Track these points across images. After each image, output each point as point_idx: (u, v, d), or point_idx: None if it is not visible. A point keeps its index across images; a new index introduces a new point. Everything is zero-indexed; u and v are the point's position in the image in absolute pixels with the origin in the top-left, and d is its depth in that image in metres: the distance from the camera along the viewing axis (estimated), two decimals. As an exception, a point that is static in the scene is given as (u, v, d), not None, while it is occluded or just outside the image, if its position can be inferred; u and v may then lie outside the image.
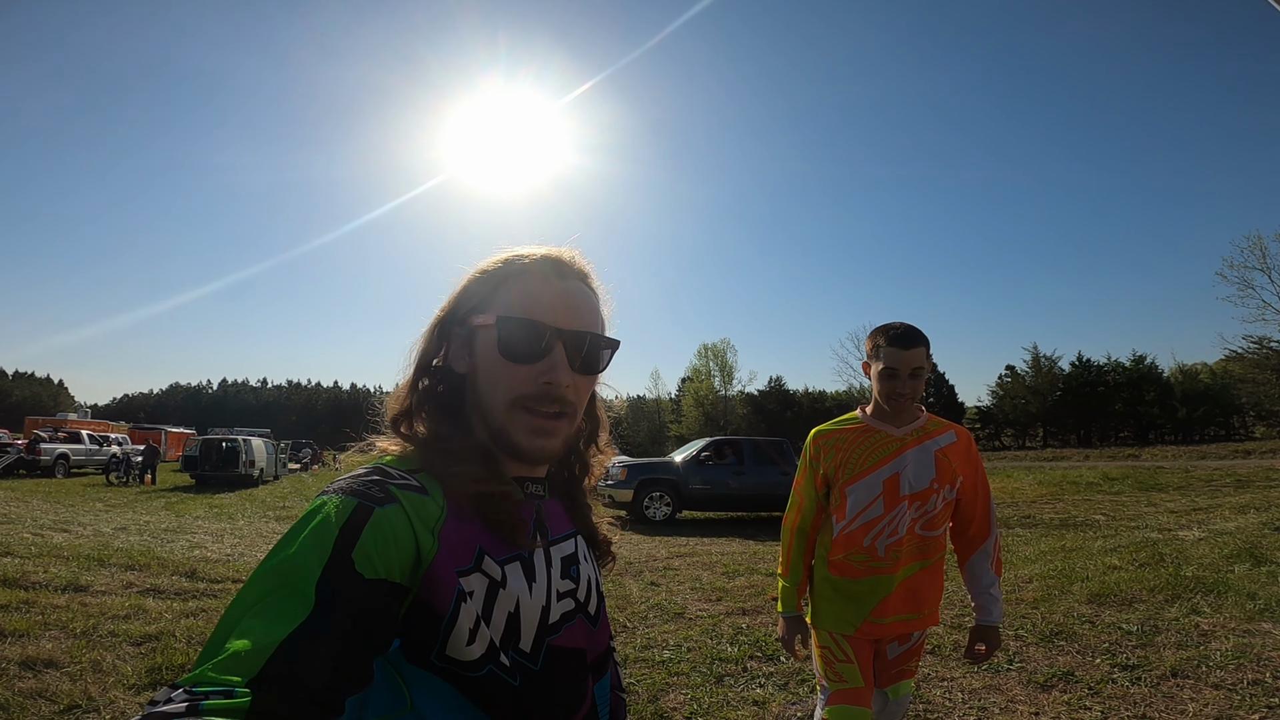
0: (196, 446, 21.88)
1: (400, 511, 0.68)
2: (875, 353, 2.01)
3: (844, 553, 2.02)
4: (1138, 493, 14.84)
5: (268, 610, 0.57)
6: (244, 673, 0.52)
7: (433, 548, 0.69)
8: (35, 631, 4.45)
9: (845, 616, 2.02)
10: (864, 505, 1.99)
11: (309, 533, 0.63)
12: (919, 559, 2.02)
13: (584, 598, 0.87)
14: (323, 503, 0.67)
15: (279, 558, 0.62)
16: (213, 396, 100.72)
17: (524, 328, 0.79)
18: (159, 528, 10.65)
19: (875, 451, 2.03)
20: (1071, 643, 4.52)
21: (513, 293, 0.82)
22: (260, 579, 0.60)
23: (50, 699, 3.47)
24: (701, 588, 6.61)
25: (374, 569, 0.63)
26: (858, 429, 2.09)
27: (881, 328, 2.01)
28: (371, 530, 0.64)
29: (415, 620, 0.67)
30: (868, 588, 2.00)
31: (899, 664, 2.11)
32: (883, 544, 1.98)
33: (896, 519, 1.98)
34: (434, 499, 0.73)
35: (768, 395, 63.35)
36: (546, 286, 0.83)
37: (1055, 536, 9.18)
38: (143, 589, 5.99)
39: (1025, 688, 3.84)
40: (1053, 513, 12.40)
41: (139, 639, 4.52)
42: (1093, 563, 6.80)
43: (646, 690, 3.92)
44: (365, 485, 0.69)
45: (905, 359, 1.95)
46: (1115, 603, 5.37)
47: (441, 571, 0.68)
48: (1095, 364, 47.51)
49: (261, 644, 0.54)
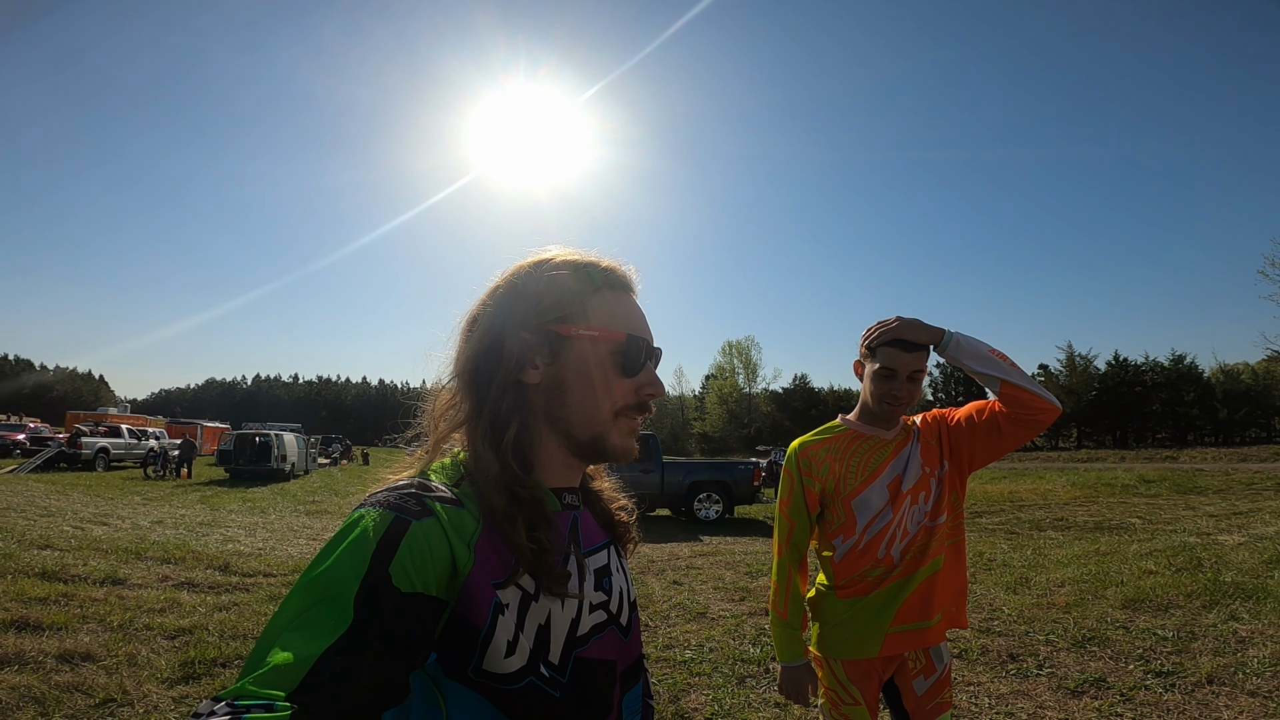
0: (231, 441, 22.43)
1: (437, 525, 0.68)
2: (871, 352, 1.82)
3: (857, 571, 1.85)
4: (1175, 496, 14.44)
5: (307, 624, 0.58)
6: (284, 686, 0.54)
7: (469, 561, 0.69)
8: (74, 625, 4.60)
9: (865, 637, 1.83)
10: (873, 515, 1.83)
11: (346, 546, 0.64)
12: (936, 554, 1.86)
13: (616, 609, 0.87)
14: (360, 516, 0.67)
15: (317, 571, 0.63)
16: (246, 392, 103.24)
17: (636, 344, 0.83)
18: (194, 521, 10.94)
19: (873, 457, 1.86)
20: (1104, 648, 4.40)
21: (609, 306, 0.85)
22: (299, 593, 0.62)
23: (86, 692, 3.58)
24: (724, 587, 6.59)
25: (411, 583, 0.64)
26: (847, 435, 1.92)
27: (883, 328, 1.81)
28: (408, 544, 0.65)
29: (453, 634, 0.68)
30: (887, 597, 1.83)
31: (932, 698, 1.89)
32: (898, 550, 1.83)
33: (905, 518, 1.83)
34: (470, 512, 0.73)
35: (792, 393, 62.92)
36: (631, 301, 0.88)
37: (1089, 540, 8.96)
38: (178, 582, 6.17)
39: (1055, 693, 3.75)
40: (1087, 515, 12.12)
41: (173, 632, 4.64)
42: (1128, 567, 6.62)
43: (668, 691, 3.92)
44: (402, 498, 0.69)
45: (905, 361, 1.76)
46: (1150, 608, 5.22)
47: (478, 585, 0.69)
48: (1133, 363, 46.31)
49: (301, 658, 0.56)
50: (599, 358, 0.82)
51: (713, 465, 12.09)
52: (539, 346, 0.81)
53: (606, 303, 0.84)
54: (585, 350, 0.81)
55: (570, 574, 0.80)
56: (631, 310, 0.86)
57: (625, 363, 0.82)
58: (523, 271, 0.85)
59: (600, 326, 0.82)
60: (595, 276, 0.84)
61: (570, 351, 0.81)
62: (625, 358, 0.82)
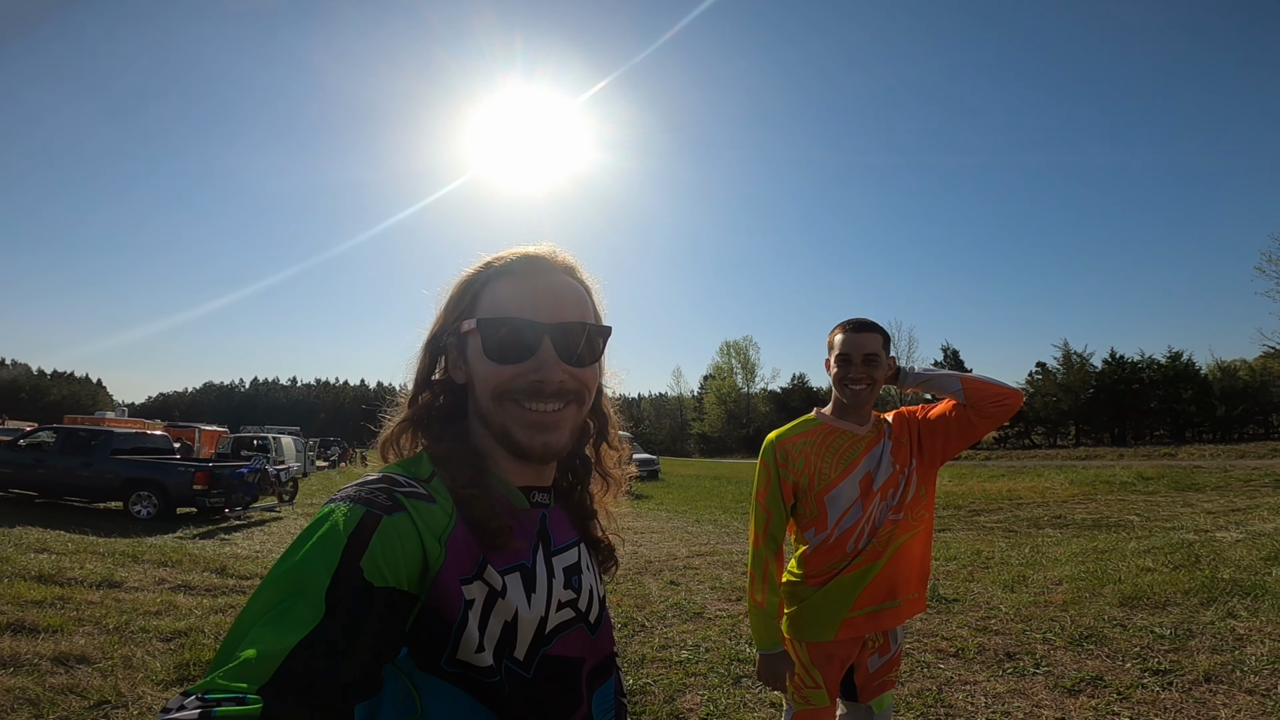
0: (229, 444, 22.40)
1: (408, 520, 0.69)
2: (831, 344, 1.97)
3: (825, 563, 1.93)
4: (1173, 493, 14.43)
5: (278, 618, 0.58)
6: (255, 680, 0.53)
7: (440, 556, 0.69)
8: (69, 627, 4.58)
9: (825, 621, 1.93)
10: (844, 510, 1.91)
11: (317, 540, 0.64)
12: (898, 541, 1.95)
13: (585, 607, 0.87)
14: (330, 510, 0.67)
15: (288, 565, 0.63)
16: (245, 395, 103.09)
17: (505, 326, 0.80)
18: (191, 524, 10.92)
19: (846, 453, 1.94)
20: (1101, 646, 4.40)
21: (493, 295, 0.82)
22: (270, 587, 0.61)
23: (81, 694, 3.57)
24: (721, 587, 6.58)
25: (382, 577, 0.64)
26: (822, 430, 1.99)
27: (840, 322, 1.97)
28: (380, 538, 0.65)
29: (425, 627, 0.68)
30: (850, 584, 1.91)
31: (880, 675, 2.04)
32: (865, 543, 1.91)
33: (875, 513, 1.91)
34: (442, 507, 0.73)
35: (790, 393, 62.92)
36: (525, 283, 0.82)
37: (1087, 537, 8.96)
38: (174, 585, 6.15)
39: (1051, 692, 3.75)
40: (1085, 513, 12.13)
41: (169, 635, 4.63)
42: (1125, 564, 6.62)
43: (663, 691, 3.91)
44: (372, 493, 0.70)
45: (857, 342, 1.90)
46: (1148, 606, 5.22)
47: (448, 579, 0.69)
48: (1129, 360, 46.26)
49: (272, 651, 0.55)
50: (475, 349, 0.82)
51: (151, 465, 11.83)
52: (456, 346, 0.84)
53: (494, 290, 0.82)
54: (473, 344, 0.82)
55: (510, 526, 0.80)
56: (519, 292, 0.81)
57: (496, 348, 0.79)
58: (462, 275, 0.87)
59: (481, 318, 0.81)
60: (491, 269, 0.84)
61: (466, 348, 0.83)
62: (497, 343, 0.79)
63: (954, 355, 49.48)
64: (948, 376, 1.96)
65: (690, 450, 67.24)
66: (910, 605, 2.00)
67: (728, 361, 70.54)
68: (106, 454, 11.69)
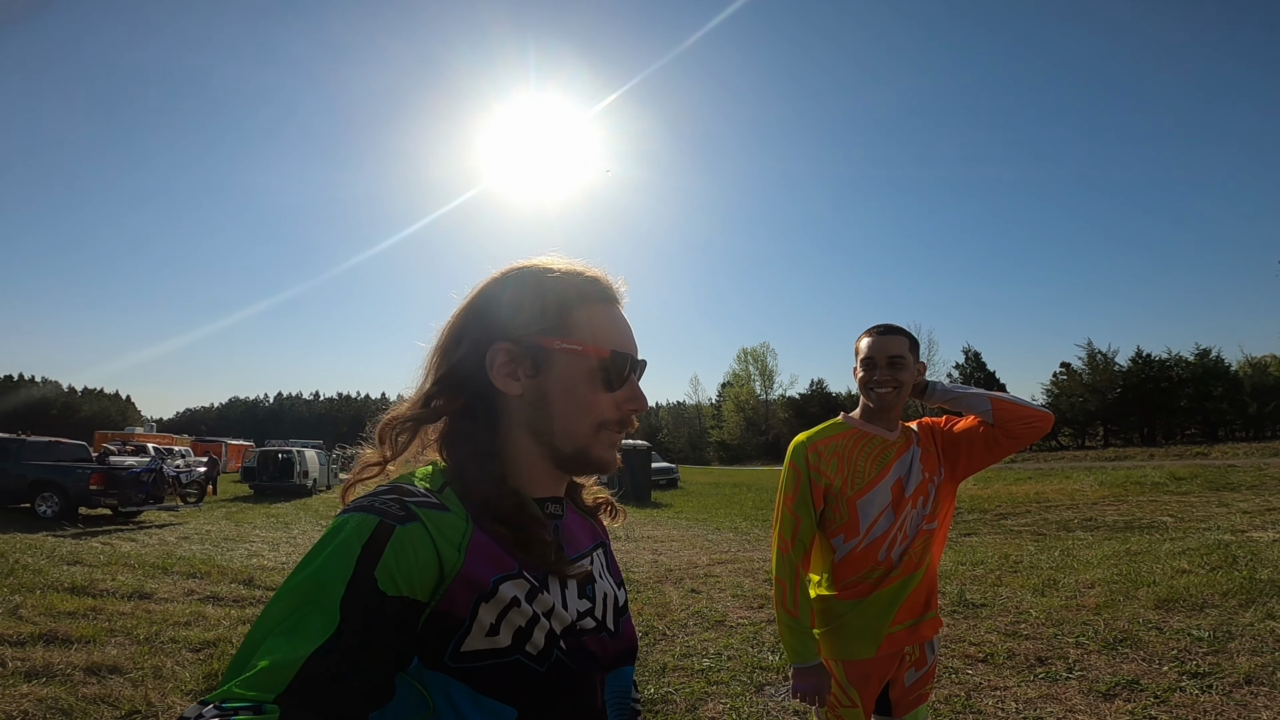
0: (254, 458, 22.74)
1: (421, 529, 0.69)
2: (857, 350, 1.96)
3: (857, 573, 1.88)
4: (1208, 492, 14.05)
5: (293, 627, 0.59)
6: (271, 689, 0.54)
7: (458, 562, 0.70)
8: (101, 638, 4.66)
9: (865, 637, 1.86)
10: (875, 517, 1.86)
11: (331, 551, 0.65)
12: (932, 548, 1.94)
13: (602, 615, 0.86)
14: (344, 521, 0.68)
15: (303, 576, 0.63)
16: (269, 409, 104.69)
17: (625, 361, 0.83)
18: (219, 536, 11.09)
19: (878, 457, 1.90)
20: (1137, 650, 4.29)
21: (592, 319, 0.83)
22: (285, 597, 0.62)
23: (112, 704, 3.63)
24: (743, 594, 6.52)
25: (396, 586, 0.64)
26: (852, 434, 1.95)
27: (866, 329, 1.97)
28: (393, 548, 0.65)
29: (431, 629, 0.68)
30: (889, 597, 1.86)
31: (916, 689, 1.97)
32: (898, 552, 1.87)
33: (907, 522, 1.87)
34: (457, 515, 0.73)
35: (809, 399, 62.38)
36: (616, 314, 0.87)
37: (1119, 539, 8.76)
38: (203, 596, 6.24)
39: (1086, 697, 3.66)
40: (1116, 515, 11.85)
41: (198, 645, 4.70)
42: (1160, 566, 6.46)
43: (685, 699, 3.88)
44: (385, 503, 0.70)
45: (881, 345, 1.88)
46: (1185, 608, 5.08)
47: (465, 582, 0.69)
48: (1157, 359, 45.29)
49: (287, 660, 0.56)
50: (582, 373, 0.81)
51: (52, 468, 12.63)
52: (521, 358, 0.81)
53: (590, 316, 0.82)
54: (568, 364, 0.81)
55: (560, 544, 0.81)
56: (616, 323, 0.85)
57: (608, 378, 0.82)
58: (507, 280, 0.84)
59: (583, 341, 0.81)
60: (581, 288, 0.83)
61: (553, 365, 0.81)
62: (608, 373, 0.81)
63: (975, 357, 48.78)
64: (976, 396, 1.94)
65: (709, 458, 66.88)
66: (937, 617, 1.98)
67: (745, 369, 70.22)
68: (19, 460, 12.59)
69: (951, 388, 1.98)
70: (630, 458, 19.06)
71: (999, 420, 1.88)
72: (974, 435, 1.93)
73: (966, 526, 11.33)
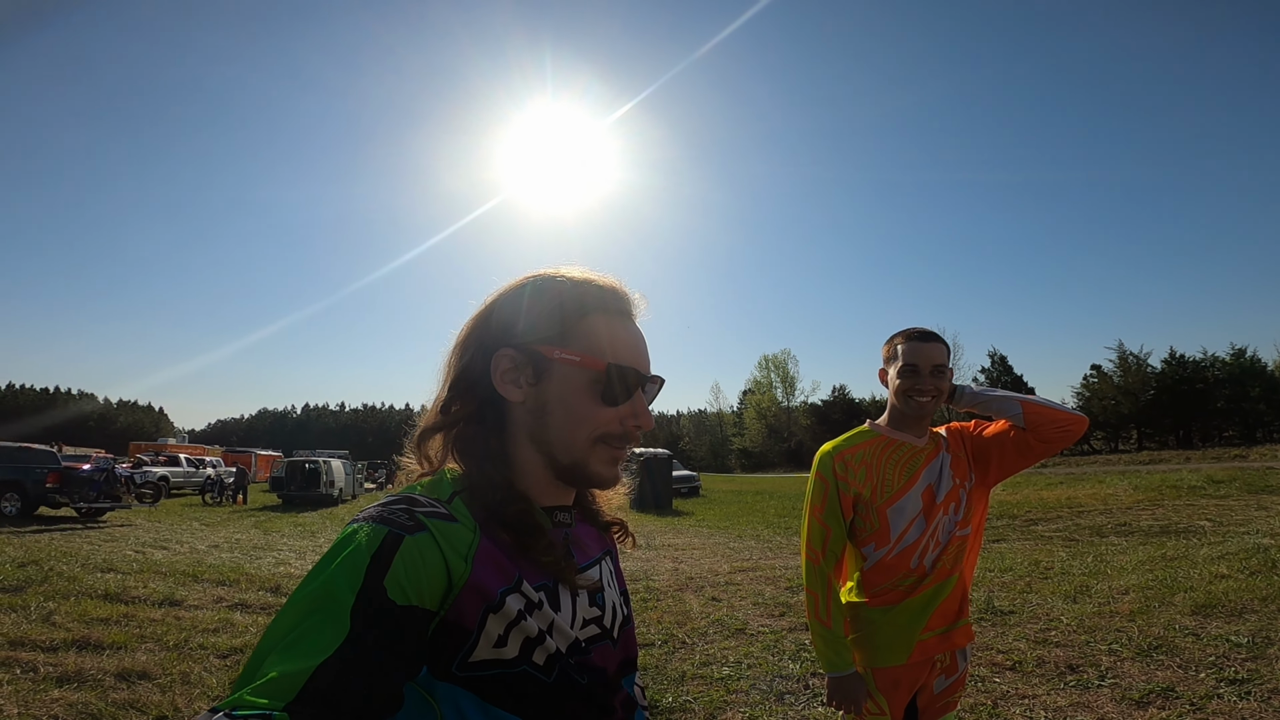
0: (283, 468, 23.10)
1: (430, 539, 0.69)
2: (893, 354, 1.88)
3: (888, 581, 1.85)
4: (1246, 495, 13.60)
5: (303, 637, 0.59)
6: (281, 697, 0.54)
7: (465, 572, 0.70)
8: (132, 644, 4.76)
9: (896, 644, 1.84)
10: (906, 525, 1.83)
11: (341, 561, 0.65)
12: (967, 554, 1.91)
13: (609, 624, 0.87)
14: (354, 530, 0.68)
15: (313, 585, 0.64)
16: (297, 421, 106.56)
17: (629, 375, 0.81)
18: (249, 545, 11.27)
19: (907, 464, 1.86)
20: (1172, 657, 4.16)
21: (596, 330, 0.81)
22: (296, 606, 0.62)
23: (141, 709, 3.70)
24: (764, 603, 6.46)
25: (405, 596, 0.65)
26: (880, 441, 1.91)
27: (899, 331, 1.90)
28: (402, 558, 0.66)
29: (440, 639, 0.69)
30: (921, 604, 1.83)
31: (944, 697, 1.94)
32: (930, 559, 1.84)
33: (939, 528, 1.84)
34: (465, 525, 0.74)
35: (832, 405, 61.68)
36: (628, 327, 0.84)
37: (1155, 544, 8.51)
38: (231, 603, 6.35)
39: (1118, 705, 3.55)
40: (1151, 519, 11.52)
41: (226, 652, 4.77)
42: (1197, 571, 6.26)
43: (704, 708, 3.84)
44: (394, 513, 0.70)
45: (926, 353, 1.81)
46: (1222, 614, 4.92)
47: (471, 596, 0.70)
48: (1191, 359, 44.06)
49: (298, 669, 0.56)
50: (578, 385, 0.80)
51: (14, 468, 13.34)
52: (523, 365, 0.81)
53: (594, 327, 0.81)
54: (566, 375, 0.80)
55: (569, 551, 0.81)
56: (623, 336, 0.83)
57: (605, 392, 0.80)
58: (520, 287, 0.85)
59: (583, 352, 0.79)
60: (590, 298, 0.82)
61: (552, 374, 0.80)
62: (605, 387, 0.80)
63: (1001, 360, 47.88)
64: (1006, 399, 1.88)
65: (731, 466, 66.40)
66: (968, 624, 1.95)
67: (767, 376, 69.72)
68: None
69: (980, 391, 1.93)
70: (651, 466, 19.02)
71: (1030, 424, 1.83)
72: (1005, 439, 1.89)
73: (995, 533, 11.10)
